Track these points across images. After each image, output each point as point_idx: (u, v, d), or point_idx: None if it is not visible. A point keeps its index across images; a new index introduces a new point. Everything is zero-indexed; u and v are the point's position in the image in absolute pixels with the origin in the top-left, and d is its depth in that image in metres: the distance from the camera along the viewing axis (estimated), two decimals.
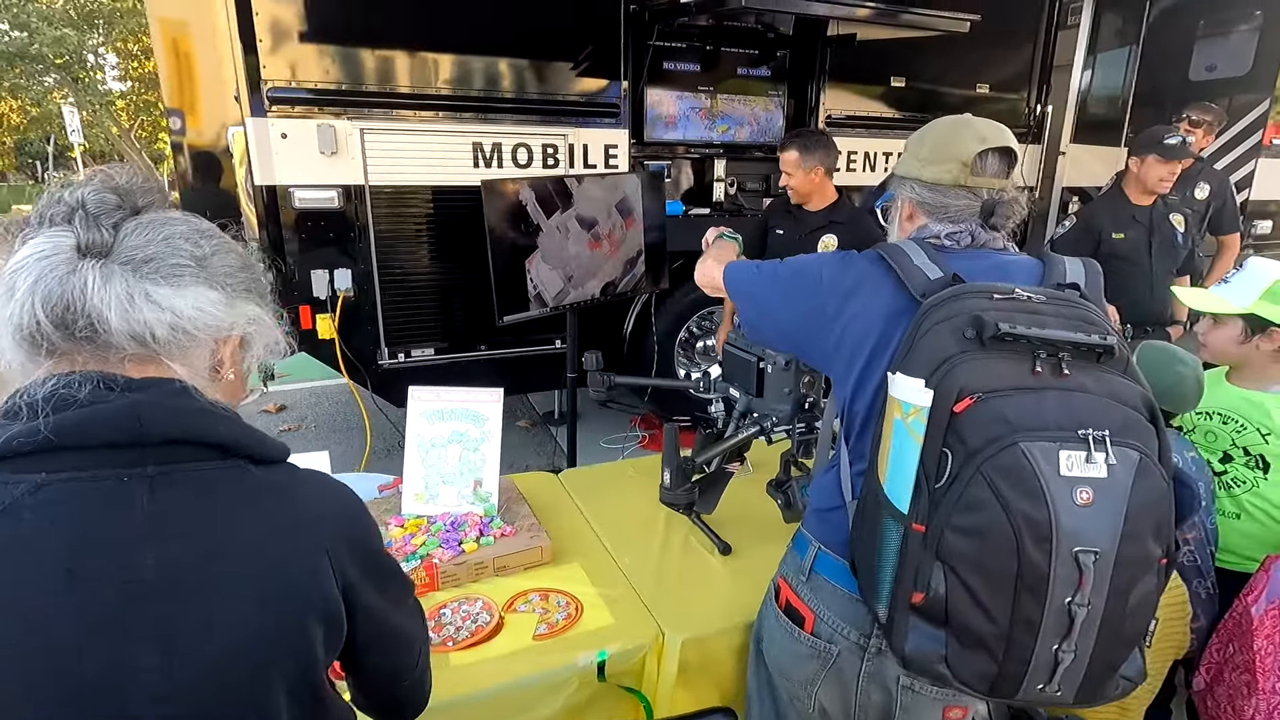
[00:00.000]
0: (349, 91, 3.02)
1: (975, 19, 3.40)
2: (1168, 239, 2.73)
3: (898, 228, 1.22)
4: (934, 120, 1.20)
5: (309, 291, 3.13)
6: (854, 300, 1.09)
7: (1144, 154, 2.66)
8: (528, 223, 2.61)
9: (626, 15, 3.40)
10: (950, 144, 1.13)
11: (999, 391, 0.87)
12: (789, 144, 2.66)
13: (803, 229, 2.74)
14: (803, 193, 2.69)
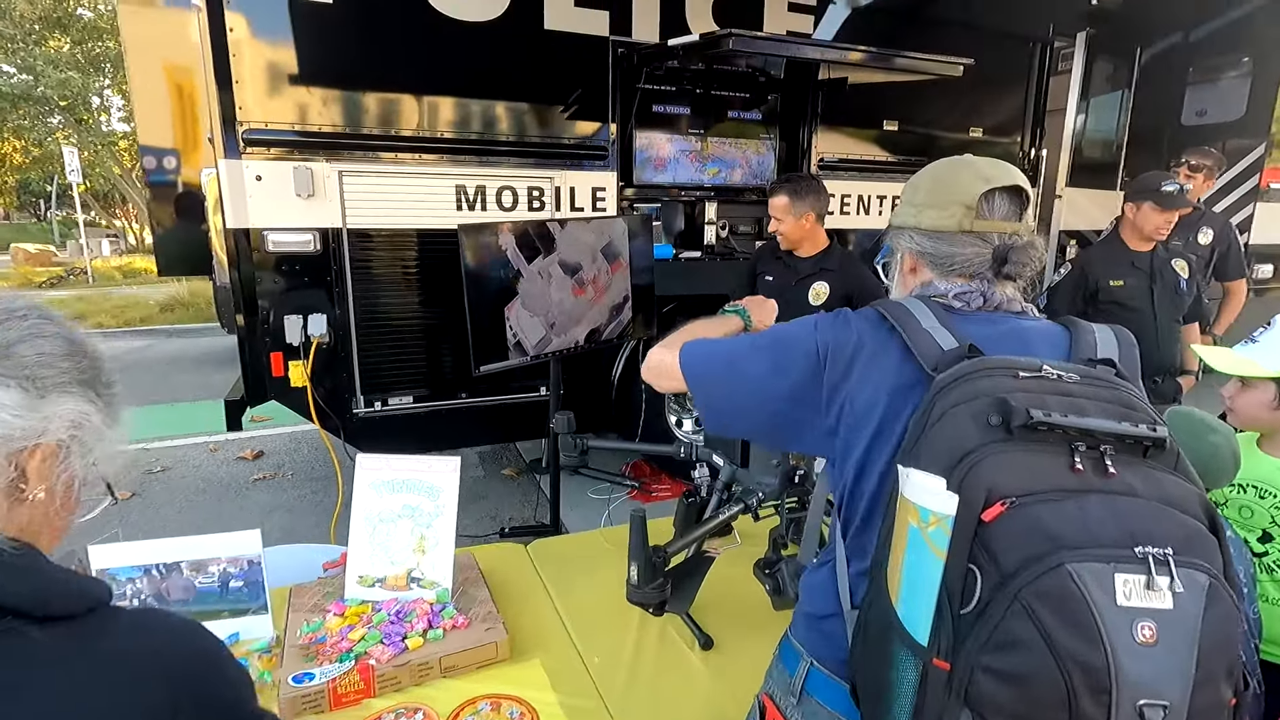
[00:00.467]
0: (328, 133, 2.94)
1: (969, 63, 3.36)
2: (1170, 286, 2.62)
3: (899, 284, 1.09)
4: (930, 164, 1.08)
5: (281, 338, 3.00)
6: (854, 370, 0.95)
7: (1140, 201, 2.57)
8: (508, 268, 2.50)
9: (614, 58, 3.35)
10: (950, 185, 1.01)
11: (1036, 494, 0.72)
12: (779, 188, 2.57)
13: (793, 276, 2.63)
14: (793, 239, 2.59)
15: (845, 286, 2.60)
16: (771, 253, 2.72)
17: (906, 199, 1.07)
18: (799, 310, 2.68)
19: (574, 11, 3.25)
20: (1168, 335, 2.65)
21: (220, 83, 2.76)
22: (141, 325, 8.94)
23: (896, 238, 1.07)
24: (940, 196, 1.01)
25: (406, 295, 3.21)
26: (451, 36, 3.05)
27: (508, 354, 2.56)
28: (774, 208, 2.57)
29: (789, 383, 0.98)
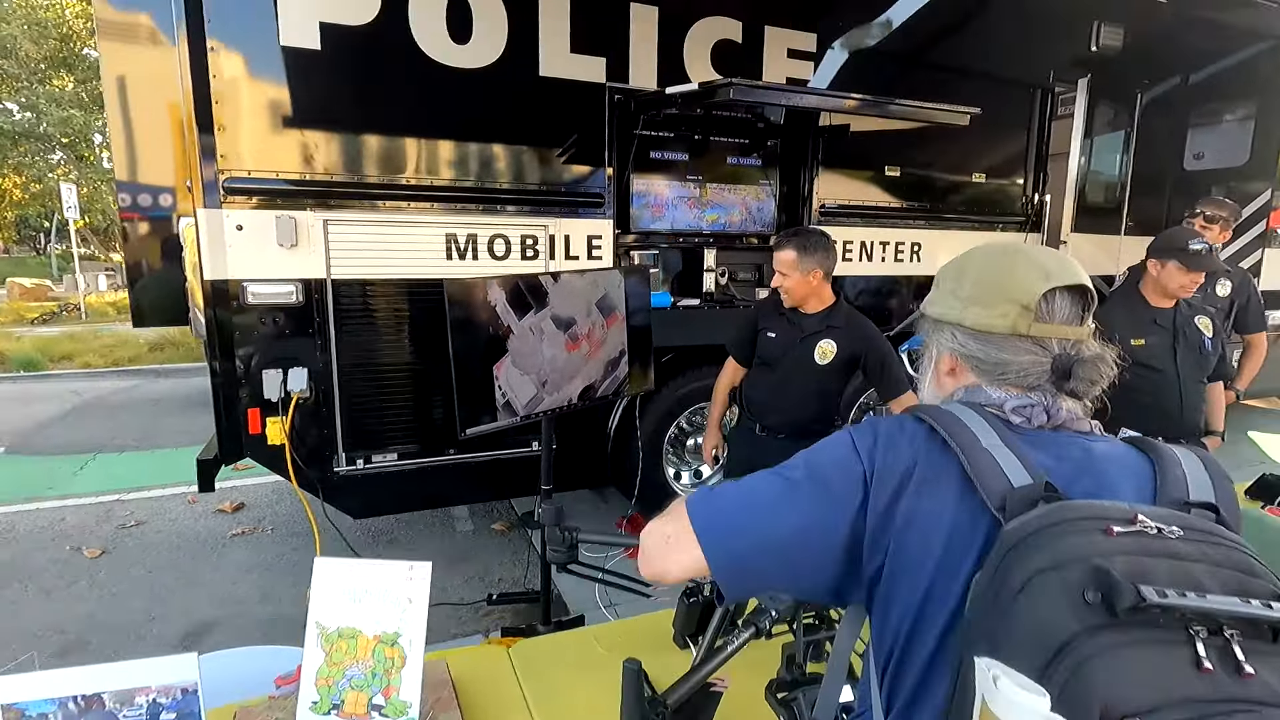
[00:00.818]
0: (313, 181, 2.84)
1: (975, 111, 3.29)
2: (1194, 345, 2.48)
3: (933, 382, 0.94)
4: (973, 249, 0.94)
5: (260, 393, 2.85)
6: (902, 501, 0.78)
7: (1164, 259, 2.44)
8: (497, 325, 2.36)
9: (611, 104, 3.27)
10: (1004, 280, 0.86)
11: (1162, 711, 0.56)
12: (786, 243, 2.44)
13: (797, 333, 2.50)
14: (797, 296, 2.46)
15: (852, 346, 2.46)
16: (774, 307, 2.59)
17: (947, 288, 0.92)
18: (803, 369, 2.56)
19: (570, 58, 3.18)
20: (1192, 397, 2.51)
21: (202, 129, 2.66)
22: (129, 365, 8.78)
23: (934, 332, 0.93)
24: (991, 292, 0.87)
25: (392, 348, 3.07)
26: (444, 83, 2.97)
27: (496, 415, 2.41)
28: (780, 262, 2.44)
29: (821, 517, 0.80)
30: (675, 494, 3.86)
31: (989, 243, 0.95)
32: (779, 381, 2.55)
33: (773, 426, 2.57)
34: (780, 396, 2.55)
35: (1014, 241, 0.93)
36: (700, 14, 3.40)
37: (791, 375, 2.52)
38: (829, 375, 2.50)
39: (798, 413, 2.53)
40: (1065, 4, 4.30)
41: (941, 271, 0.94)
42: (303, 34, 2.74)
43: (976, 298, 0.87)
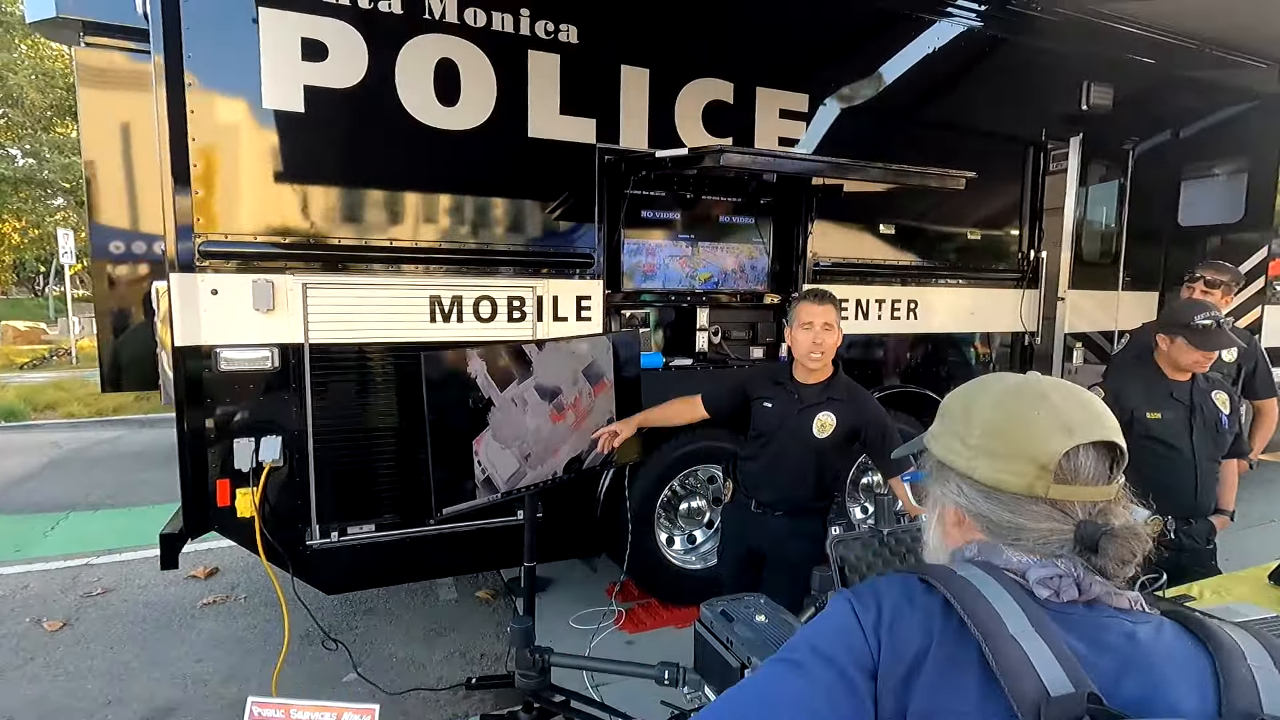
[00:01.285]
0: (293, 244, 2.76)
1: (970, 175, 3.26)
2: (1211, 422, 2.37)
3: (938, 532, 0.82)
4: (983, 383, 0.82)
5: (230, 464, 2.72)
6: (916, 694, 0.66)
7: (1172, 334, 2.35)
8: (477, 397, 2.26)
9: (601, 164, 3.23)
10: (1019, 433, 0.75)
11: None
12: (827, 298, 2.37)
13: (796, 404, 2.39)
14: (830, 355, 2.38)
15: (852, 419, 2.35)
16: (769, 378, 2.48)
17: (951, 428, 0.81)
18: (801, 443, 2.44)
19: (560, 119, 3.14)
20: (1207, 477, 2.39)
21: (178, 192, 2.59)
22: (114, 414, 8.61)
23: (939, 476, 0.81)
24: (1004, 445, 0.76)
25: (371, 413, 2.95)
26: (430, 144, 2.93)
27: (475, 492, 2.28)
28: (827, 315, 2.34)
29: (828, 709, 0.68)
30: (668, 561, 3.70)
31: (1001, 380, 0.83)
32: (775, 455, 2.42)
33: (768, 503, 2.44)
34: (776, 471, 2.42)
35: (1031, 382, 0.81)
36: (691, 75, 3.39)
37: (788, 448, 2.40)
38: (828, 449, 2.38)
39: (795, 489, 2.41)
40: (1055, 64, 4.33)
41: (947, 404, 0.83)
42: (287, 97, 2.70)
43: (987, 449, 0.76)
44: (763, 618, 1.18)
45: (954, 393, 0.84)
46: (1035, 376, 0.81)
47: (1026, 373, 0.82)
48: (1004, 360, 4.48)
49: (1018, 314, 4.41)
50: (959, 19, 4.04)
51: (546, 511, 3.20)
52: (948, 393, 0.87)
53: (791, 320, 2.45)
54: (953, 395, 0.83)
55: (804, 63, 3.68)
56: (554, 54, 3.10)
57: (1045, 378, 0.81)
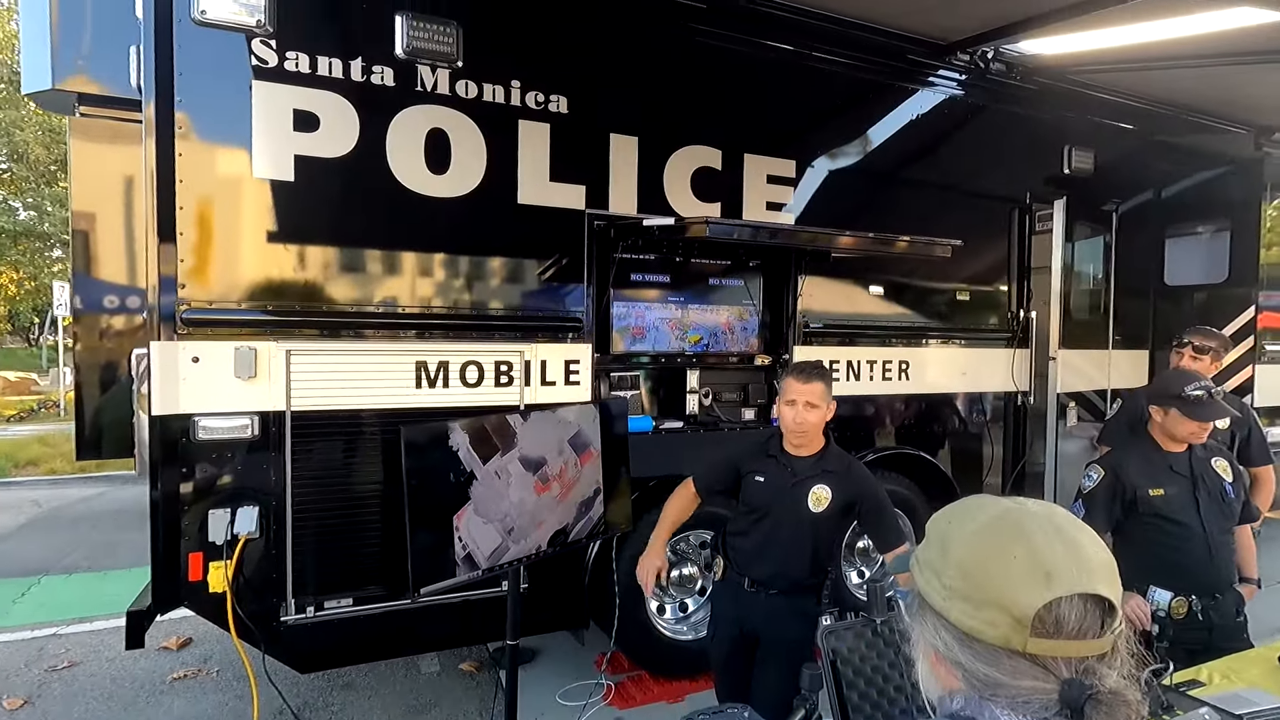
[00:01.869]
0: (278, 310, 2.74)
1: (956, 244, 3.29)
2: (1216, 493, 2.32)
3: (926, 662, 0.76)
4: (963, 506, 0.77)
5: (204, 536, 2.64)
6: None
7: (1165, 406, 2.32)
8: (459, 470, 2.20)
9: (590, 230, 3.25)
10: (991, 577, 0.69)
11: None
12: (814, 375, 2.32)
13: (790, 477, 2.33)
14: (815, 432, 2.33)
15: (847, 493, 2.30)
16: (760, 449, 2.43)
17: (929, 559, 0.75)
18: (795, 517, 2.36)
19: (549, 186, 3.17)
20: (1221, 549, 2.32)
21: (163, 260, 2.58)
22: (97, 470, 8.46)
23: (920, 608, 0.76)
24: (977, 589, 0.70)
25: (353, 482, 2.88)
26: (420, 211, 2.94)
27: (455, 569, 2.20)
28: (811, 394, 2.28)
29: None
30: (659, 631, 3.57)
31: (983, 508, 0.76)
32: (769, 530, 2.35)
33: (762, 580, 2.36)
34: (770, 547, 2.35)
35: (1012, 516, 0.74)
36: (680, 143, 3.44)
37: (782, 523, 2.33)
38: (823, 524, 2.32)
39: (789, 565, 2.33)
40: (1037, 130, 4.43)
41: (930, 527, 0.78)
42: (277, 166, 2.72)
43: (961, 592, 0.70)
44: None
45: (939, 514, 0.79)
46: (1020, 507, 0.75)
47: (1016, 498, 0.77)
48: (998, 420, 4.44)
49: (1009, 373, 4.39)
50: (941, 88, 4.15)
51: (532, 582, 3.10)
52: (939, 452, 0.82)
53: (780, 392, 2.42)
54: (937, 517, 0.78)
55: (790, 130, 3.76)
56: (544, 123, 3.15)
57: (1034, 506, 0.75)
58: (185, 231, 2.61)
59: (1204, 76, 4.28)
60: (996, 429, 4.45)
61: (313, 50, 2.74)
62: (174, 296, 2.59)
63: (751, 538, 2.40)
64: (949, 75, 4.15)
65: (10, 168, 17.62)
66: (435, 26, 2.90)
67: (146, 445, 2.64)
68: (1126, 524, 2.37)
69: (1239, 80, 4.33)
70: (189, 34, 2.58)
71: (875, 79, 3.94)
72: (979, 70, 4.18)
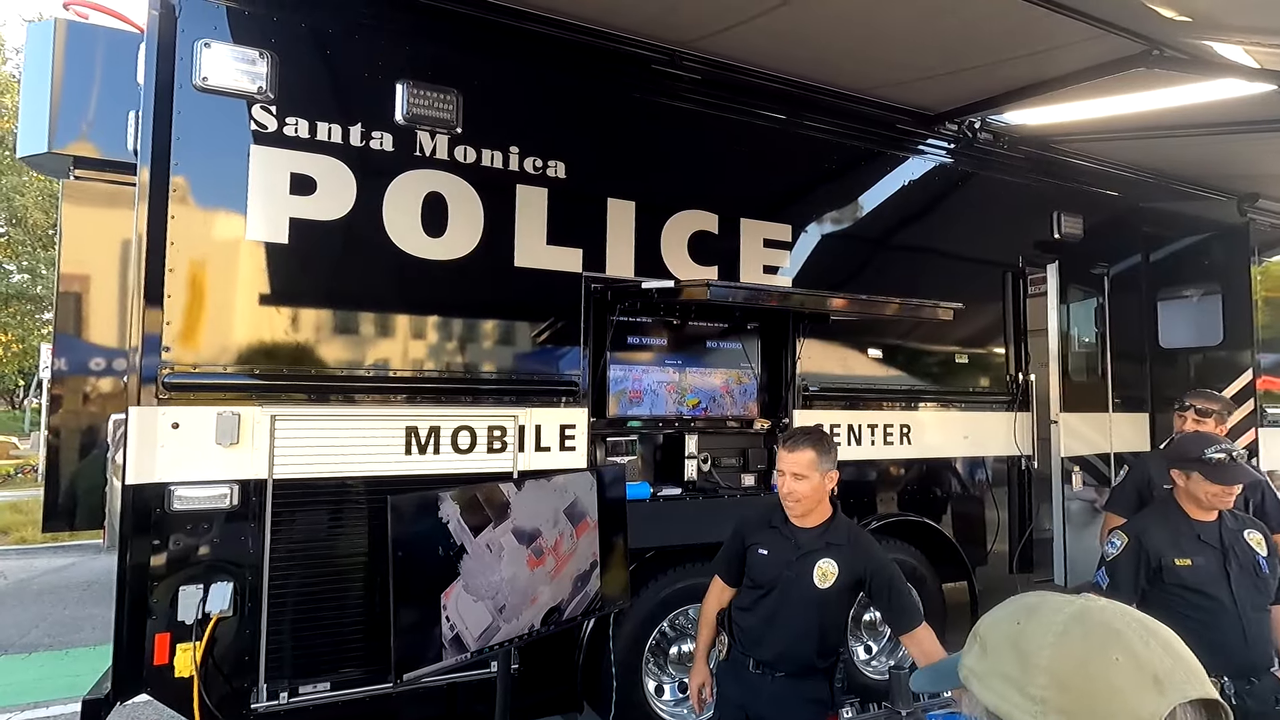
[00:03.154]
0: (264, 374, 2.66)
1: (958, 307, 3.27)
2: (1249, 566, 2.21)
3: None
4: (1023, 605, 0.67)
5: (172, 615, 2.47)
6: None
7: (1188, 470, 2.25)
8: (448, 544, 2.07)
9: (587, 292, 3.21)
10: (1100, 687, 0.60)
11: None
12: (801, 442, 2.20)
13: (794, 550, 2.21)
14: (810, 503, 2.21)
15: (855, 568, 2.17)
16: (764, 521, 2.31)
17: (1000, 669, 0.65)
18: (801, 593, 2.20)
19: (546, 249, 3.16)
20: (1255, 626, 2.18)
21: (149, 322, 2.51)
22: (70, 540, 8.13)
23: None
24: (1080, 703, 0.61)
25: (337, 556, 2.73)
26: (415, 274, 2.91)
27: (442, 652, 2.04)
28: (796, 464, 2.17)
29: None
30: (657, 714, 3.35)
31: (1054, 607, 0.66)
32: (773, 607, 2.21)
33: (768, 662, 2.20)
34: (774, 625, 2.20)
35: (1094, 613, 0.65)
36: (677, 208, 3.46)
37: (788, 599, 2.19)
38: (831, 601, 2.18)
39: (796, 646, 2.18)
40: (1027, 196, 4.51)
41: (986, 634, 0.68)
42: (271, 229, 2.69)
43: (1059, 705, 0.61)
44: None
45: (992, 618, 0.69)
46: (1094, 603, 0.66)
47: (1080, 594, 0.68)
48: (1002, 485, 4.34)
49: (1011, 437, 4.32)
50: (930, 156, 4.23)
51: (523, 662, 2.91)
52: (944, 518, 0.72)
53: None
54: (993, 621, 0.69)
55: (786, 195, 3.79)
56: (542, 188, 3.15)
57: (1103, 601, 0.67)
58: (173, 294, 2.55)
59: (1186, 146, 4.40)
60: (1001, 494, 4.35)
61: (312, 116, 2.76)
62: (157, 359, 2.50)
63: (756, 614, 2.25)
64: (938, 144, 4.24)
65: (8, 232, 17.71)
66: (435, 94, 2.93)
67: (118, 515, 2.49)
68: (1151, 595, 2.25)
69: (1221, 150, 4.45)
70: (189, 100, 2.59)
71: (867, 147, 4.01)
72: (967, 139, 4.28)
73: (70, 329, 3.18)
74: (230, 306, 2.64)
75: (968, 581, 4.08)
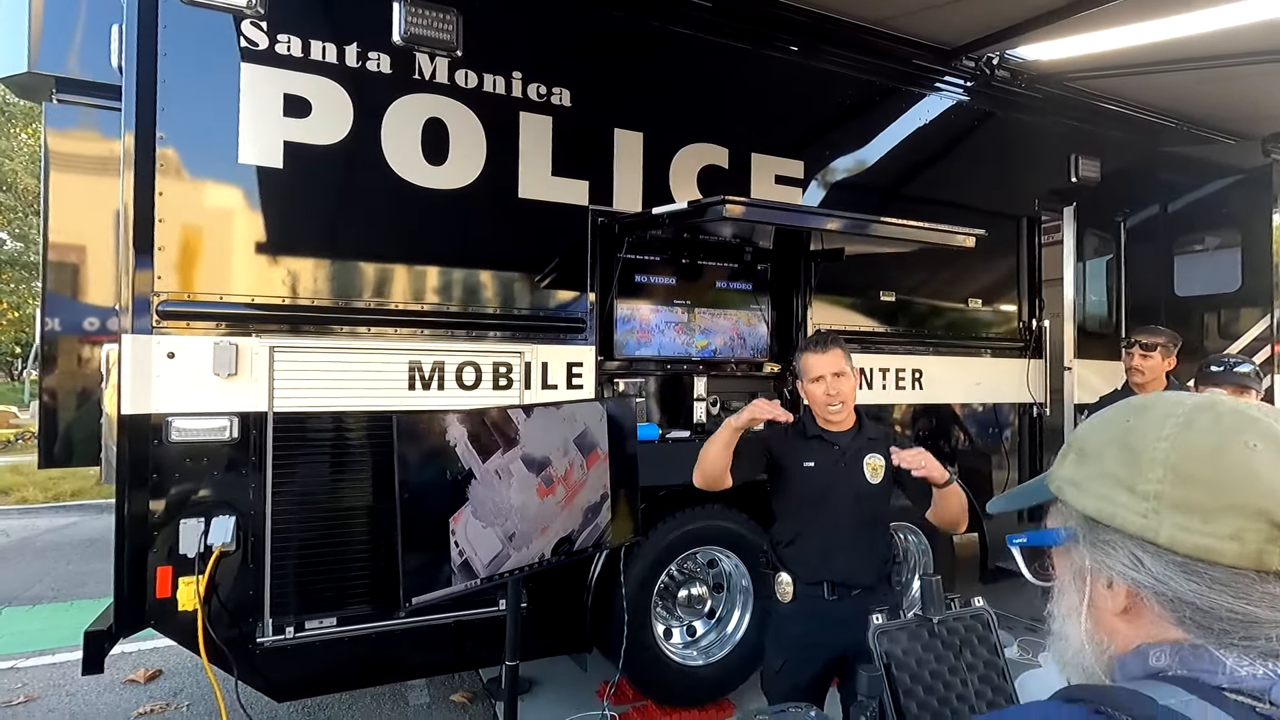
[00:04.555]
0: (262, 304, 2.56)
1: (980, 233, 3.16)
2: None
3: (1087, 620, 0.59)
4: (1129, 405, 0.60)
5: (174, 548, 2.41)
6: None
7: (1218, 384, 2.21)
8: (456, 469, 2.00)
9: (594, 226, 3.11)
10: (1233, 473, 0.52)
11: None
12: (829, 341, 2.14)
13: (838, 455, 2.14)
14: (851, 400, 2.15)
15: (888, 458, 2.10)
16: (796, 434, 2.21)
17: (1105, 470, 0.58)
18: (855, 495, 2.09)
19: (551, 180, 3.04)
20: None
21: (139, 248, 2.41)
22: (72, 500, 8.13)
23: (1090, 540, 0.58)
24: (1207, 492, 0.52)
25: (340, 490, 2.66)
26: (415, 204, 2.79)
27: (451, 577, 1.99)
28: (834, 363, 2.10)
29: None
30: (666, 657, 3.32)
31: (1169, 400, 0.59)
32: (834, 519, 2.10)
33: (844, 581, 2.06)
34: (837, 535, 2.08)
35: (1219, 403, 0.58)
36: (686, 140, 3.33)
37: (844, 505, 2.10)
38: (881, 495, 2.12)
39: (864, 551, 2.08)
40: (1044, 137, 4.37)
41: (1085, 439, 0.60)
42: (264, 152, 2.57)
43: (1178, 500, 0.53)
44: None
45: (1090, 425, 0.61)
46: (1219, 398, 0.58)
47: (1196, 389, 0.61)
48: (1013, 432, 4.28)
49: (1024, 384, 4.25)
50: (947, 93, 4.09)
51: (531, 602, 2.87)
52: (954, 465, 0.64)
53: (800, 374, 2.24)
54: (1092, 428, 0.61)
55: (798, 131, 3.66)
56: (546, 116, 3.03)
57: (1231, 399, 0.59)
58: (164, 218, 2.44)
59: (1209, 80, 4.25)
60: (1011, 442, 4.29)
61: (305, 34, 2.62)
62: (150, 286, 2.41)
63: (814, 535, 2.13)
64: (954, 81, 4.09)
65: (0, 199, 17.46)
66: (434, 13, 2.79)
67: (114, 449, 2.42)
68: None
69: (1245, 85, 4.30)
70: (175, 13, 2.46)
71: (883, 82, 3.87)
72: (984, 76, 4.13)
73: (61, 288, 3.07)
74: (223, 233, 2.54)
75: (978, 532, 4.04)
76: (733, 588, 3.49)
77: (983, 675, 1.39)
